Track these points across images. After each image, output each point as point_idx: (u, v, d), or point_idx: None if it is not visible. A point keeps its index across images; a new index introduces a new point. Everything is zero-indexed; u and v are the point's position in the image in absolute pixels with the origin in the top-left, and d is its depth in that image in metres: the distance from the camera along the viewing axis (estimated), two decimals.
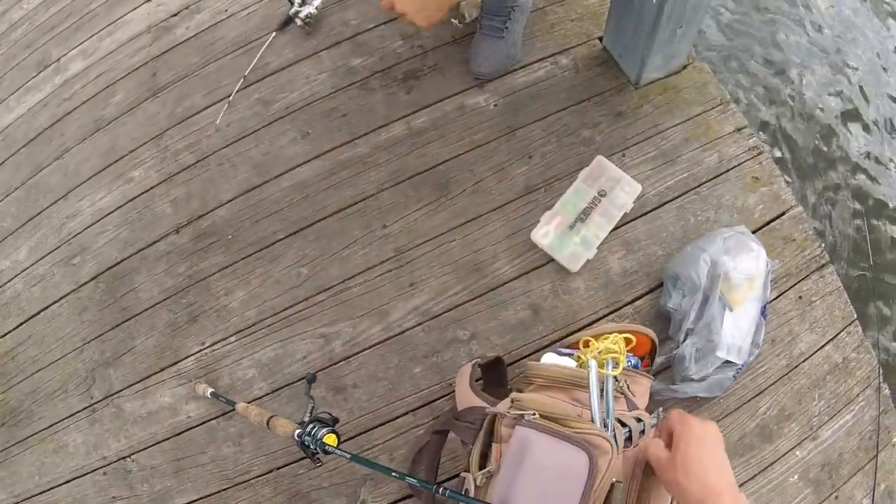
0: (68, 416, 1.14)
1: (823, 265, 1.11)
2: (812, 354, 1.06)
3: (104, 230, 1.24)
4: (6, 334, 1.24)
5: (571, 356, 0.82)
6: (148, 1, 1.46)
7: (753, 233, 1.08)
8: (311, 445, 0.73)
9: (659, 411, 0.79)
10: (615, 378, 0.73)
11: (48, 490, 1.11)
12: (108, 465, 1.09)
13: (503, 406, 0.71)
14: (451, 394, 0.97)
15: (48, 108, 1.44)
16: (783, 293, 1.08)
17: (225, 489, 1.02)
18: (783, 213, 1.11)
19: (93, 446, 1.11)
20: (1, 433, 1.17)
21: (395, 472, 0.65)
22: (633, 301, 1.01)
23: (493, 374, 0.94)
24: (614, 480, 0.58)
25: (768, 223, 1.10)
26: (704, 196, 1.08)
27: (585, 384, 0.64)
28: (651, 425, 0.74)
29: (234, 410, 0.92)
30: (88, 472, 1.10)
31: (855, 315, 1.11)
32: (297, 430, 0.77)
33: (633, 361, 0.89)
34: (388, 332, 1.02)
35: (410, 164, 1.10)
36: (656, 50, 1.07)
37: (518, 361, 0.97)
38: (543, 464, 0.57)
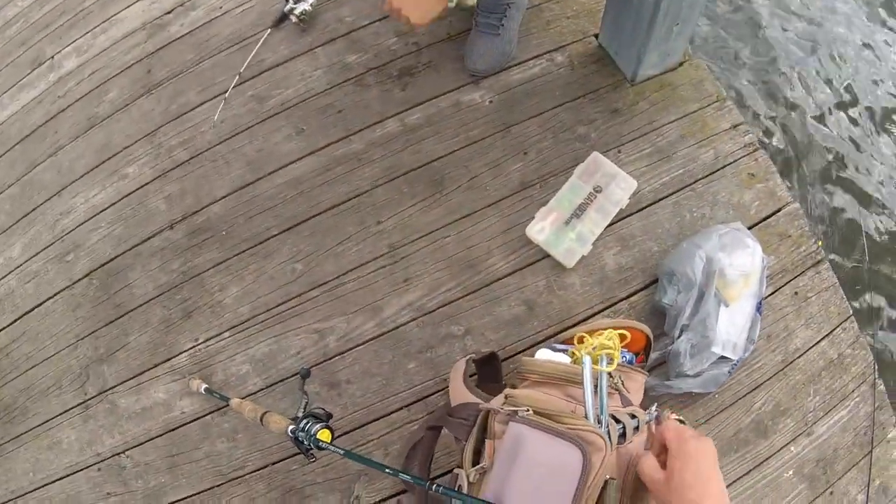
0: (62, 413, 1.13)
1: (819, 261, 1.11)
2: (807, 350, 1.06)
3: (98, 227, 1.24)
4: (0, 331, 1.24)
5: (566, 352, 0.81)
6: None
7: (749, 229, 1.08)
8: (304, 441, 0.73)
9: (653, 407, 0.79)
10: (609, 374, 0.73)
11: (42, 486, 1.10)
12: (102, 461, 1.09)
13: (497, 402, 0.70)
14: (445, 389, 0.97)
15: (42, 106, 1.43)
16: (779, 289, 1.07)
17: (219, 485, 1.02)
18: (779, 210, 1.11)
19: (87, 442, 1.10)
20: None
21: (389, 468, 0.65)
22: (628, 297, 1.01)
23: (487, 370, 0.93)
24: (608, 477, 0.58)
25: (764, 219, 1.10)
26: (700, 192, 1.08)
27: (579, 380, 0.64)
28: (645, 421, 0.74)
29: (228, 406, 0.91)
30: (82, 469, 1.09)
31: (850, 311, 1.11)
32: (290, 426, 0.76)
33: (627, 357, 0.88)
34: (382, 327, 1.01)
35: (405, 161, 1.10)
36: (652, 47, 1.07)
37: (512, 357, 0.97)
38: (537, 460, 0.57)
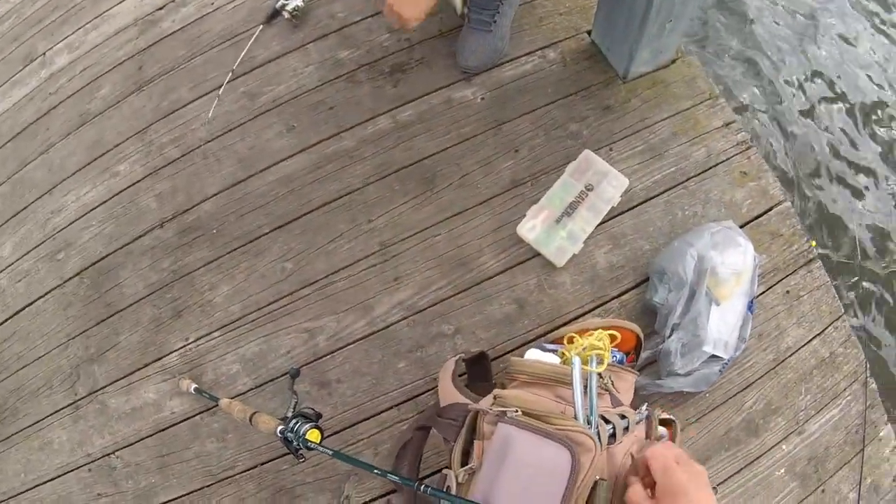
0: (53, 413, 1.13)
1: (811, 260, 1.10)
2: (799, 349, 1.06)
3: (89, 225, 1.23)
4: None
5: (556, 352, 0.81)
6: None
7: (741, 227, 1.08)
8: (293, 441, 0.73)
9: (644, 407, 0.78)
10: (599, 375, 0.72)
11: (34, 488, 1.10)
12: (92, 461, 1.08)
13: (485, 403, 0.70)
14: (435, 388, 0.97)
15: (34, 103, 1.42)
16: (770, 288, 1.07)
17: (209, 485, 1.01)
18: (771, 208, 1.11)
19: (77, 443, 1.10)
20: None
21: (377, 469, 0.65)
22: (619, 295, 1.00)
23: (477, 369, 0.93)
24: (598, 478, 0.58)
25: (756, 218, 1.10)
26: (692, 191, 1.08)
27: (569, 381, 0.63)
28: (636, 422, 0.73)
29: (218, 406, 0.91)
30: (73, 469, 1.09)
31: (842, 310, 1.11)
32: (279, 427, 0.76)
33: (617, 357, 0.88)
34: (373, 326, 1.01)
35: (396, 158, 1.10)
36: (645, 44, 1.06)
37: (503, 356, 0.97)
38: (525, 461, 0.57)
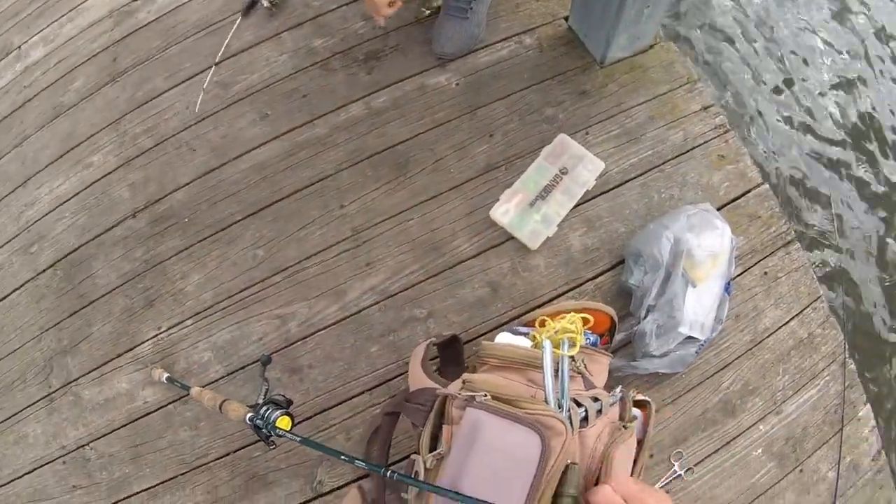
0: (27, 406, 1.11)
1: (789, 242, 1.10)
2: (777, 330, 1.05)
3: (62, 217, 1.21)
4: None
5: (527, 335, 0.80)
6: None
7: (718, 210, 1.07)
8: (263, 428, 0.72)
9: (617, 390, 0.77)
10: (572, 357, 0.72)
11: (10, 482, 1.08)
12: (67, 454, 1.07)
13: (454, 387, 0.69)
14: (407, 373, 0.96)
15: (9, 96, 1.41)
16: (748, 269, 1.07)
17: (183, 473, 1.00)
18: (749, 191, 1.11)
19: (52, 436, 1.08)
20: None
21: (345, 455, 0.63)
22: (594, 278, 1.00)
23: (449, 354, 0.92)
24: (569, 462, 0.57)
25: (733, 200, 1.09)
26: (669, 174, 1.08)
27: (540, 364, 0.63)
28: (609, 404, 0.73)
29: (189, 395, 0.90)
30: (48, 462, 1.07)
31: (821, 291, 1.10)
32: (248, 414, 0.75)
33: (591, 339, 0.87)
34: (345, 311, 1.00)
35: (369, 144, 1.09)
36: (622, 30, 1.06)
37: (476, 339, 0.96)
38: (494, 446, 0.56)
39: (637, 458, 0.78)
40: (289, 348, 1.00)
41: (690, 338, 0.98)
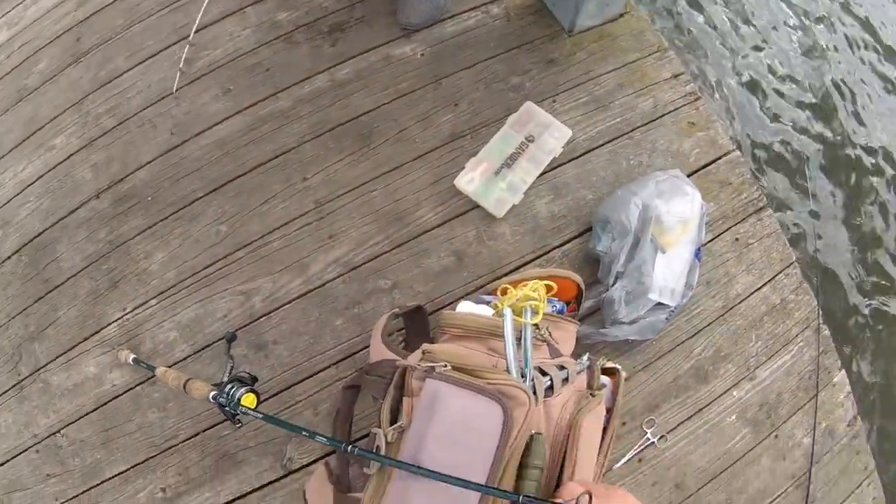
0: None
1: (761, 208, 1.09)
2: (749, 296, 1.05)
3: (26, 201, 1.19)
4: None
5: (489, 304, 0.79)
6: None
7: (689, 177, 1.06)
8: (227, 406, 0.70)
9: (585, 357, 0.76)
10: (536, 325, 0.70)
11: None
12: (39, 442, 1.05)
13: (414, 358, 0.68)
14: None
15: None
16: (719, 235, 1.06)
17: (153, 456, 0.99)
18: (720, 158, 1.10)
19: (24, 425, 1.07)
20: None
21: (305, 430, 0.62)
22: (561, 245, 0.98)
23: (415, 325, 0.91)
24: (534, 432, 0.56)
25: (704, 167, 1.09)
26: (638, 140, 1.06)
27: (501, 333, 0.61)
28: (576, 372, 0.71)
29: (155, 376, 0.88)
30: (22, 452, 1.06)
31: (794, 257, 1.10)
32: (212, 392, 0.74)
33: (557, 307, 0.86)
34: (308, 285, 0.99)
35: (332, 116, 1.07)
36: None
37: (442, 309, 0.95)
38: (454, 418, 0.54)
39: (607, 426, 0.77)
40: (253, 324, 0.98)
41: (660, 304, 0.97)
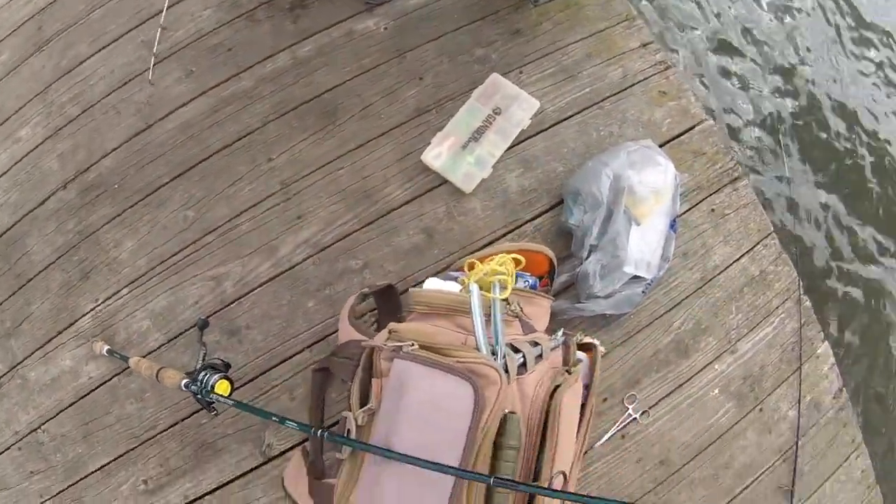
0: None
1: (737, 178, 1.08)
2: (727, 267, 1.04)
3: None
4: None
5: (458, 280, 0.78)
6: None
7: (661, 147, 1.04)
8: (198, 394, 0.70)
9: (559, 332, 0.75)
10: (506, 301, 0.69)
11: None
12: (21, 439, 1.05)
13: (380, 338, 0.66)
14: None
15: None
16: (695, 206, 1.05)
17: (133, 448, 0.99)
18: (693, 127, 1.08)
19: (4, 422, 1.06)
20: None
21: (275, 416, 0.62)
22: (532, 219, 0.97)
23: (387, 304, 0.90)
24: (507, 412, 0.55)
25: (677, 137, 1.07)
26: (608, 111, 1.04)
27: (469, 309, 0.60)
28: (550, 348, 0.70)
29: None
30: (4, 450, 1.05)
31: (772, 227, 1.08)
32: (183, 380, 0.73)
33: (530, 282, 0.85)
34: (278, 267, 0.98)
35: (296, 94, 1.05)
36: None
37: (413, 287, 0.94)
38: (423, 398, 0.54)
39: (585, 403, 0.77)
40: (225, 309, 0.98)
41: (636, 277, 0.96)
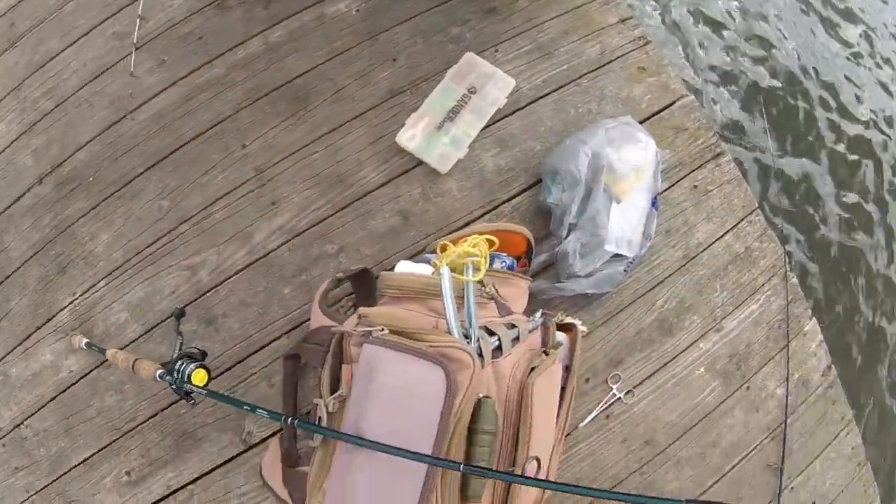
0: None
1: (719, 153, 1.07)
2: (711, 244, 1.02)
3: None
4: None
5: (430, 262, 0.76)
6: None
7: (641, 123, 1.03)
8: (174, 384, 0.70)
9: (538, 314, 0.74)
10: (480, 283, 0.67)
11: None
12: (5, 435, 1.05)
13: (350, 323, 0.65)
14: None
15: None
16: (676, 183, 1.04)
17: (115, 440, 0.98)
18: (673, 103, 1.07)
19: None
20: None
21: (247, 404, 0.61)
22: (510, 199, 0.96)
23: (363, 289, 0.89)
24: (481, 396, 0.54)
25: (657, 113, 1.05)
26: (585, 88, 1.03)
27: (440, 292, 0.59)
28: (528, 330, 0.68)
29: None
30: None
31: (756, 204, 1.07)
32: (158, 371, 0.72)
33: (507, 262, 0.83)
34: (254, 254, 0.97)
35: (268, 80, 1.04)
36: None
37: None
38: (394, 384, 0.52)
39: (565, 385, 0.75)
40: (202, 298, 0.97)
41: (618, 255, 0.95)
